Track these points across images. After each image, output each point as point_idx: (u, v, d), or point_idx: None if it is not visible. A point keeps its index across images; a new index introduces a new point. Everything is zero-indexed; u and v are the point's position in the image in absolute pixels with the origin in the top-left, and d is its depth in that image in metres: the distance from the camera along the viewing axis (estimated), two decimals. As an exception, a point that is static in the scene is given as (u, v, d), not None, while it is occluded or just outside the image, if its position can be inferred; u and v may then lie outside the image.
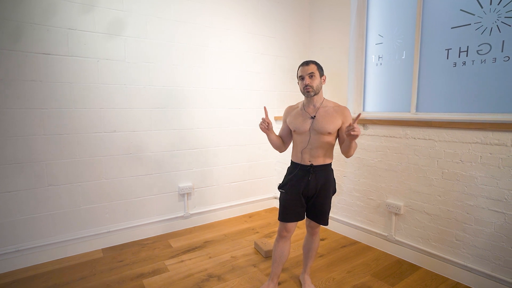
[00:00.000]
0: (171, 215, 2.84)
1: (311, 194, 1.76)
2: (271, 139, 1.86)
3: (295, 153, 1.82)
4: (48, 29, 2.14)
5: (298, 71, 1.74)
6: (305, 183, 1.74)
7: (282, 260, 1.84)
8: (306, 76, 1.68)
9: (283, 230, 1.80)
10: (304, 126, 1.73)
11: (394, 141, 2.39)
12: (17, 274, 2.12)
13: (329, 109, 1.73)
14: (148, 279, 2.07)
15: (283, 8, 3.27)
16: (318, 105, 1.74)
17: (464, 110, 2.20)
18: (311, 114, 1.74)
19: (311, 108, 1.75)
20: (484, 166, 1.91)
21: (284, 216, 1.78)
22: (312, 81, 1.68)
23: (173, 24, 2.65)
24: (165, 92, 2.67)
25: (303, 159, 1.76)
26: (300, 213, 1.79)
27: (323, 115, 1.71)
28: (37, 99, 2.16)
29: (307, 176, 1.74)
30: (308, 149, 1.73)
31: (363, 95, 2.89)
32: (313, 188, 1.74)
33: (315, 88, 1.69)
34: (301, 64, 1.74)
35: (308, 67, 1.68)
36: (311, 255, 1.94)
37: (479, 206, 1.94)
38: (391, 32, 2.65)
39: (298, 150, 1.78)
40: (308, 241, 1.93)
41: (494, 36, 2.03)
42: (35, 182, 2.21)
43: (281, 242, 1.82)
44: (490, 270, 1.90)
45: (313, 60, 1.74)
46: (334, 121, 1.69)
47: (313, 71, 1.68)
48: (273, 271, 1.87)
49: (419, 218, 2.26)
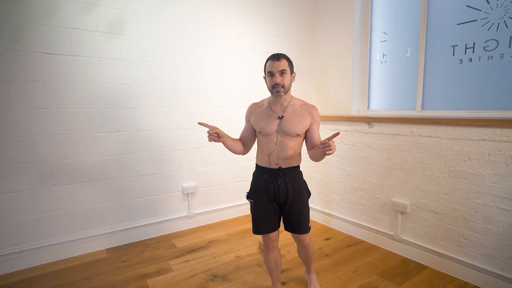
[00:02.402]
0: (175, 215, 2.83)
1: (283, 199, 1.63)
2: (227, 146, 1.65)
3: (260, 156, 1.67)
4: (51, 29, 2.14)
5: (267, 66, 1.56)
6: (274, 188, 1.61)
7: (278, 267, 1.76)
8: (276, 73, 1.51)
9: (268, 241, 1.68)
10: (271, 127, 1.59)
11: (400, 139, 2.37)
12: (22, 274, 2.12)
13: (297, 108, 1.61)
14: (152, 279, 2.06)
15: (286, 6, 3.25)
16: (286, 104, 1.61)
17: (471, 108, 2.17)
18: (278, 114, 1.60)
19: (278, 107, 1.61)
20: (492, 164, 1.88)
21: (258, 229, 1.66)
22: (283, 79, 1.52)
23: (176, 23, 2.64)
24: (168, 91, 2.66)
25: (271, 162, 1.62)
26: (275, 221, 1.67)
27: (291, 115, 1.58)
28: (40, 99, 2.16)
29: (276, 180, 1.61)
30: (276, 151, 1.60)
31: (367, 93, 2.87)
32: (284, 193, 1.61)
33: (286, 87, 1.55)
34: (270, 58, 1.54)
35: (279, 63, 1.51)
36: (309, 260, 1.85)
37: (487, 204, 1.91)
38: (395, 30, 2.63)
39: (265, 153, 1.63)
40: (302, 251, 1.82)
41: (501, 32, 2.00)
42: (39, 182, 2.20)
43: (271, 253, 1.71)
44: (499, 270, 1.87)
45: (284, 54, 1.55)
46: (303, 121, 1.59)
47: (285, 68, 1.52)
48: (274, 279, 1.79)
49: (425, 216, 2.23)
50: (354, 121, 2.71)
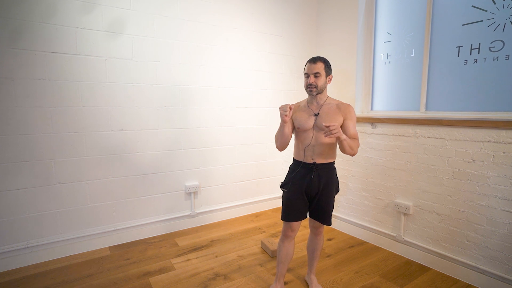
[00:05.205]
0: (177, 214, 2.84)
1: (314, 192, 1.74)
2: (285, 130, 1.72)
3: (297, 151, 1.81)
4: (56, 28, 2.16)
5: (305, 67, 1.72)
6: (307, 181, 1.73)
7: (288, 260, 1.83)
8: (311, 75, 1.67)
9: (288, 229, 1.78)
10: (308, 123, 1.73)
11: (403, 140, 2.35)
12: (26, 271, 2.14)
13: (332, 106, 1.72)
14: (154, 277, 2.07)
15: (290, 7, 3.25)
16: (322, 103, 1.74)
17: (476, 109, 2.15)
18: (314, 111, 1.73)
19: (315, 106, 1.75)
20: (496, 166, 1.86)
21: (287, 216, 1.77)
22: (317, 81, 1.67)
23: (180, 23, 2.65)
24: (172, 90, 2.67)
25: (306, 157, 1.74)
26: (303, 212, 1.78)
27: (326, 112, 1.70)
28: (45, 97, 2.18)
29: (309, 174, 1.72)
30: (311, 146, 1.72)
31: (371, 94, 2.86)
32: (316, 187, 1.73)
33: (319, 88, 1.69)
34: (309, 60, 1.71)
35: (315, 66, 1.66)
36: (316, 255, 1.93)
37: (492, 206, 1.89)
38: (400, 30, 2.61)
39: (301, 148, 1.77)
40: (313, 242, 1.92)
41: (508, 32, 1.98)
42: (44, 180, 2.23)
43: (286, 242, 1.81)
44: (504, 272, 1.86)
45: (322, 58, 1.70)
46: (337, 117, 1.69)
47: (319, 70, 1.66)
48: (279, 272, 1.86)
49: (428, 218, 2.22)
50: (358, 121, 2.70)
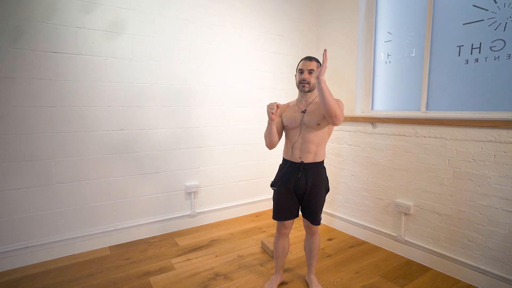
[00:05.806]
0: (177, 214, 2.84)
1: (302, 192, 1.77)
2: (271, 129, 1.74)
3: (286, 149, 1.84)
4: (56, 28, 2.16)
5: (299, 64, 1.76)
6: (294, 180, 1.76)
7: (285, 254, 1.93)
8: (305, 71, 1.71)
9: (282, 227, 1.86)
10: (296, 120, 1.76)
11: (404, 139, 2.35)
12: (26, 270, 2.14)
13: (319, 103, 1.70)
14: (154, 277, 2.07)
15: (290, 6, 3.24)
16: (310, 100, 1.77)
17: (477, 108, 2.14)
18: (302, 109, 1.77)
19: (303, 103, 1.78)
20: (498, 165, 1.86)
21: (277, 215, 1.83)
22: (310, 77, 1.72)
23: (180, 23, 2.65)
24: (172, 90, 2.67)
25: (293, 156, 1.77)
26: (294, 211, 1.82)
27: (313, 109, 1.74)
28: (46, 97, 2.18)
29: (296, 173, 1.75)
30: (298, 144, 1.75)
31: (371, 93, 2.85)
32: (303, 186, 1.75)
33: (311, 85, 1.73)
34: (304, 58, 1.77)
35: (310, 63, 1.72)
36: (313, 255, 1.94)
37: (493, 206, 1.88)
38: (400, 29, 2.60)
39: (289, 146, 1.80)
40: (309, 241, 1.94)
41: (509, 31, 1.97)
42: (44, 180, 2.23)
43: (281, 239, 1.89)
44: (505, 273, 1.85)
45: (316, 58, 1.76)
46: (322, 112, 1.68)
47: (314, 68, 1.71)
48: (278, 265, 1.95)
49: (429, 218, 2.21)
50: (358, 121, 2.69)
